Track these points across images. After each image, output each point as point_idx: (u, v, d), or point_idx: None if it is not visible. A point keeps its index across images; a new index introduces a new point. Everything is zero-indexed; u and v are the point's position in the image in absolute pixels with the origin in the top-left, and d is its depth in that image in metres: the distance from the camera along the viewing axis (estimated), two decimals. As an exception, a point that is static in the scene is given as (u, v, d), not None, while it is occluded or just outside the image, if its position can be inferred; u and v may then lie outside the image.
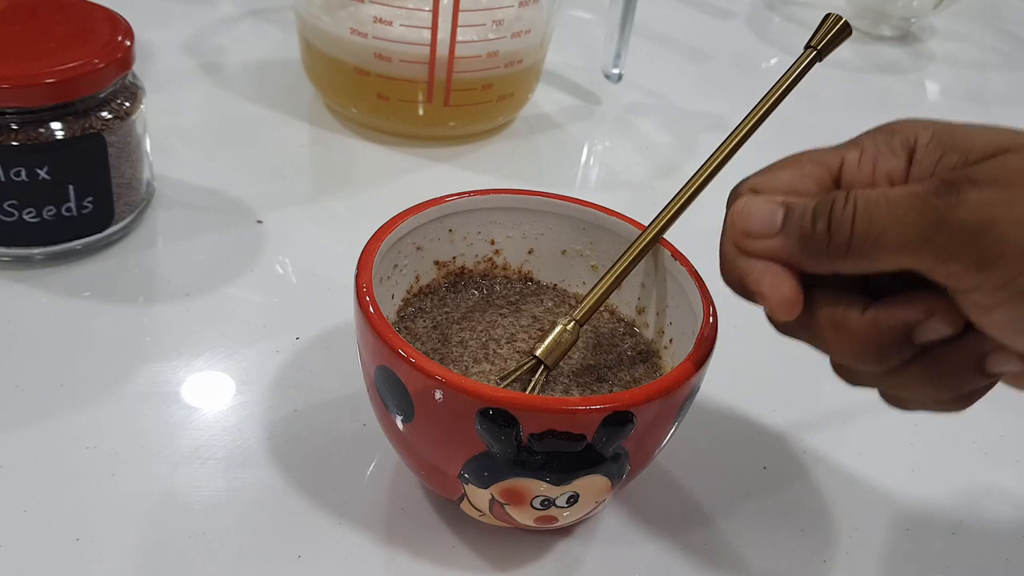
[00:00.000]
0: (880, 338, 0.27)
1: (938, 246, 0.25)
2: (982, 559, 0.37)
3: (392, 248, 0.35)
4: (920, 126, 0.28)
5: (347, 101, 0.58)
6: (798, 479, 0.39)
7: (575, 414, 0.28)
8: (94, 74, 0.41)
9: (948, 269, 0.25)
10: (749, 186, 0.30)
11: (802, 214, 0.28)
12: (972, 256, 0.25)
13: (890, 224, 0.26)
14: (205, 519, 0.34)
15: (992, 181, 0.25)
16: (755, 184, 0.30)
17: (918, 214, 0.25)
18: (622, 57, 0.63)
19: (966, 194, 0.25)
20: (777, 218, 0.28)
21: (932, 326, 0.27)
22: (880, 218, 0.26)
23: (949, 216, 0.25)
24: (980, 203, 0.25)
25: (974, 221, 0.25)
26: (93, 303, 0.43)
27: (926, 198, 0.25)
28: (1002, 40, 0.92)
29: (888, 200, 0.26)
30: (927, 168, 0.27)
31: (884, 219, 0.26)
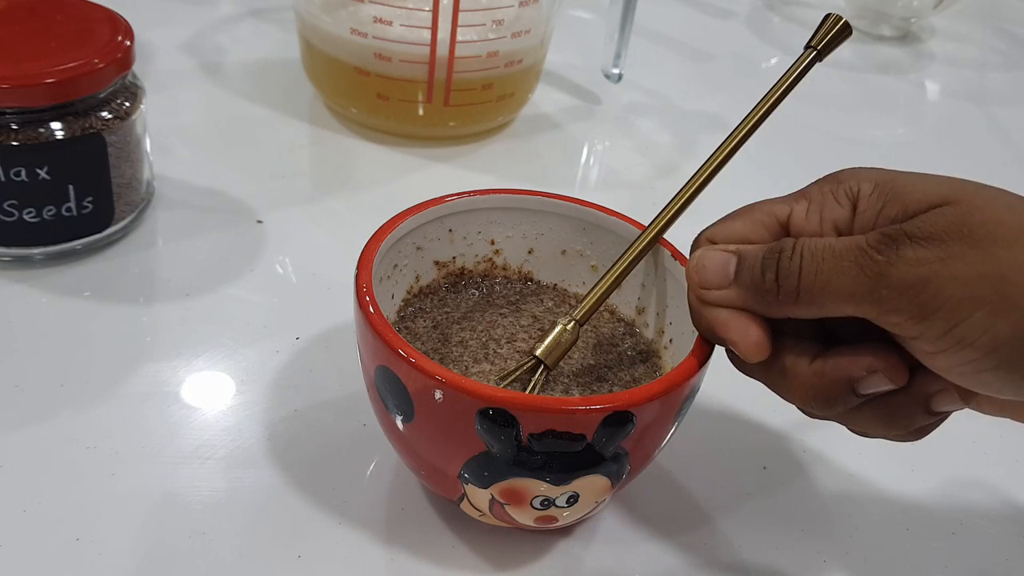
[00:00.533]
0: (826, 388, 0.29)
1: (880, 298, 0.26)
2: (982, 559, 0.37)
3: (392, 248, 0.35)
4: (863, 176, 0.30)
5: (347, 101, 0.58)
6: (798, 479, 0.39)
7: (575, 414, 0.28)
8: (94, 74, 0.41)
9: (891, 320, 0.26)
10: (706, 236, 0.32)
11: (752, 264, 0.29)
12: (912, 309, 0.26)
13: (834, 275, 0.27)
14: (205, 519, 0.34)
15: (928, 237, 0.26)
16: (711, 235, 0.32)
17: (860, 267, 0.27)
18: (622, 57, 0.63)
19: (904, 251, 0.26)
20: (730, 268, 0.30)
21: (873, 381, 0.28)
22: (826, 269, 0.27)
23: (888, 272, 0.26)
24: (917, 260, 0.26)
25: (912, 276, 0.26)
26: (93, 303, 0.43)
27: (867, 252, 0.27)
28: (1002, 40, 0.92)
29: (833, 251, 0.27)
30: (869, 219, 0.29)
31: (829, 270, 0.27)
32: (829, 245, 0.27)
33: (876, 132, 0.71)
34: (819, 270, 0.27)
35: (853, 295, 0.27)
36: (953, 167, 0.74)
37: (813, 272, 0.27)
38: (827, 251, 0.27)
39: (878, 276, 0.26)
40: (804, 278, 0.28)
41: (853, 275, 0.27)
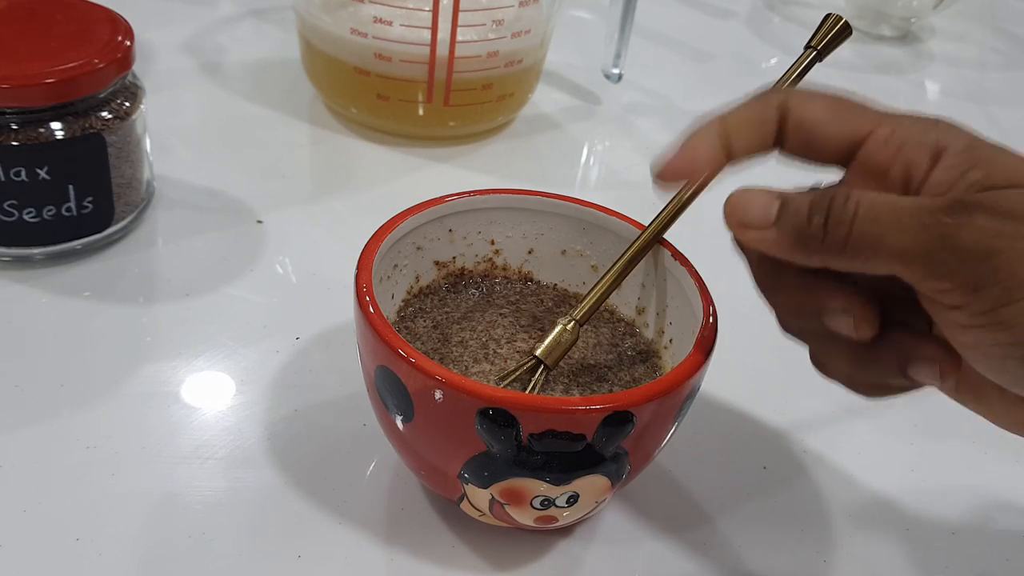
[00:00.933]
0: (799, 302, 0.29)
1: (935, 260, 0.25)
2: (982, 559, 0.37)
3: (392, 248, 0.35)
4: (957, 133, 0.28)
5: (347, 101, 0.58)
6: (798, 479, 0.39)
7: (575, 414, 0.28)
8: (94, 74, 0.41)
9: (938, 285, 0.26)
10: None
11: (797, 208, 0.28)
12: (967, 277, 0.25)
13: (891, 229, 0.26)
14: (205, 519, 0.34)
15: (1005, 212, 0.25)
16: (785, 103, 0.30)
17: (923, 227, 0.26)
18: (622, 57, 0.63)
19: (977, 218, 0.25)
20: (772, 210, 0.28)
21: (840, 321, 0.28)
22: (883, 221, 0.26)
23: (956, 234, 0.25)
24: (990, 230, 0.25)
25: (980, 245, 0.25)
26: (93, 303, 0.43)
27: (935, 213, 0.26)
28: (1002, 40, 0.92)
29: (893, 207, 0.26)
30: (948, 178, 0.27)
31: (887, 223, 0.26)
32: (889, 200, 0.26)
33: (876, 132, 0.71)
34: (876, 220, 0.26)
35: (906, 253, 0.26)
36: (953, 167, 0.73)
37: (868, 221, 0.26)
38: (886, 205, 0.26)
39: (941, 238, 0.25)
40: (857, 226, 0.26)
41: (913, 233, 0.26)
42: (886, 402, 0.31)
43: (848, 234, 0.27)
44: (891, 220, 0.26)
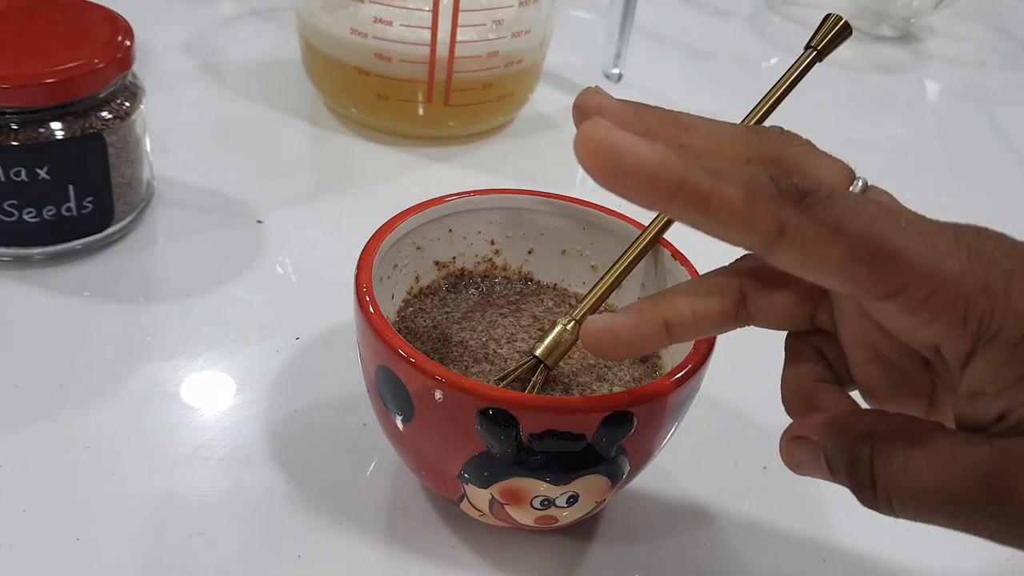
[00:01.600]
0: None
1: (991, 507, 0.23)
2: (982, 559, 0.37)
3: (392, 248, 0.35)
4: (1014, 308, 0.22)
5: (347, 101, 0.58)
6: (798, 479, 0.39)
7: (575, 414, 0.28)
8: (94, 74, 0.41)
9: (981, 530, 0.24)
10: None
11: (837, 455, 0.26)
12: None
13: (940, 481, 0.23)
14: (205, 519, 0.34)
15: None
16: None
17: (977, 478, 0.23)
18: (622, 57, 0.63)
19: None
20: (821, 462, 0.27)
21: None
22: (924, 475, 0.24)
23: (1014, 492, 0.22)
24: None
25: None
26: (93, 303, 0.43)
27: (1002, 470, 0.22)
28: (1002, 40, 0.92)
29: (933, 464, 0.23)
30: (995, 379, 0.23)
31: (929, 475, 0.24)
32: (926, 456, 0.23)
33: (876, 132, 0.71)
34: (917, 476, 0.24)
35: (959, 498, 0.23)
36: (953, 167, 0.75)
37: (902, 484, 0.24)
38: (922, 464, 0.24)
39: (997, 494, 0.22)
40: (893, 489, 0.25)
41: (961, 481, 0.23)
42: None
43: (888, 497, 0.25)
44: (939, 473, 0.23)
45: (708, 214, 0.22)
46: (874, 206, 0.23)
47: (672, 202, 0.22)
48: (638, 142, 0.22)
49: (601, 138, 0.22)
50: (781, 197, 0.22)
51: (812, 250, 0.22)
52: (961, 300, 0.22)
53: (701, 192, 0.22)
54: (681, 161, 0.22)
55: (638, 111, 0.26)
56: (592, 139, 0.22)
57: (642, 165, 0.22)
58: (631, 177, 0.22)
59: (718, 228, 0.23)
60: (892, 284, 0.22)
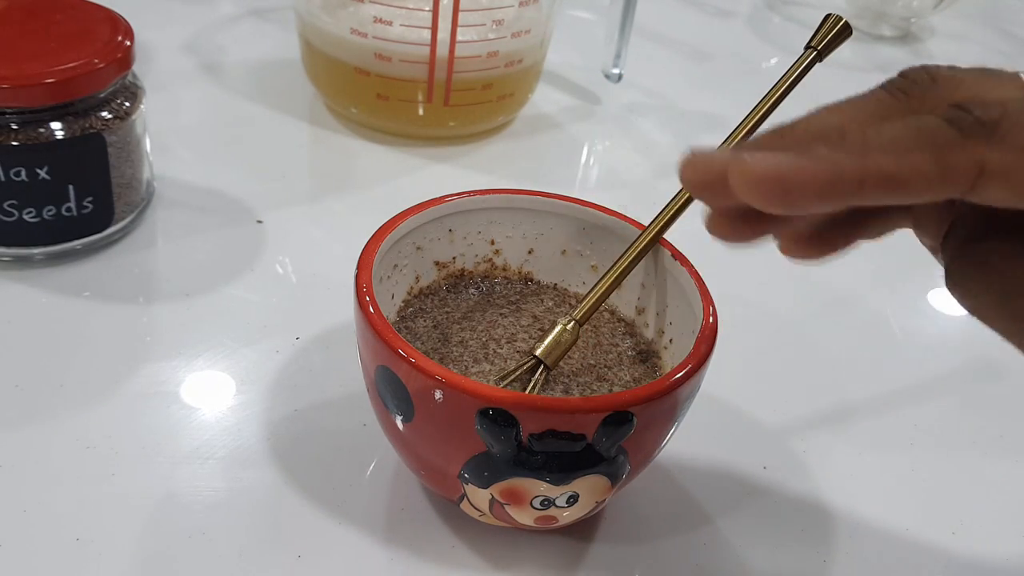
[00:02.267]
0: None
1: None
2: (982, 559, 0.37)
3: (392, 248, 0.35)
4: None
5: (347, 101, 0.58)
6: (798, 479, 0.39)
7: (575, 414, 0.28)
8: (94, 74, 0.41)
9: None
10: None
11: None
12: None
13: None
14: (205, 519, 0.34)
15: None
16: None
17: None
18: (622, 57, 0.63)
19: None
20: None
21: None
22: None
23: None
24: None
25: None
26: (93, 303, 0.43)
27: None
28: (1002, 40, 0.92)
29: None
30: None
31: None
32: None
33: (876, 132, 0.71)
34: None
35: None
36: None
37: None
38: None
39: None
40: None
41: None
42: (887, 402, 0.31)
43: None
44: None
45: (904, 189, 0.21)
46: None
47: (860, 195, 0.21)
48: (795, 159, 0.21)
49: (762, 169, 0.20)
50: (967, 139, 0.21)
51: (1022, 179, 0.21)
52: None
53: (887, 174, 0.21)
54: (850, 156, 0.21)
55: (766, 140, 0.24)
56: (754, 175, 0.21)
57: (816, 177, 0.20)
58: (808, 193, 0.21)
59: (919, 196, 0.21)
60: None
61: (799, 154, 0.21)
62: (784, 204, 0.21)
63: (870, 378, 0.45)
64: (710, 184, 0.22)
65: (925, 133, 0.21)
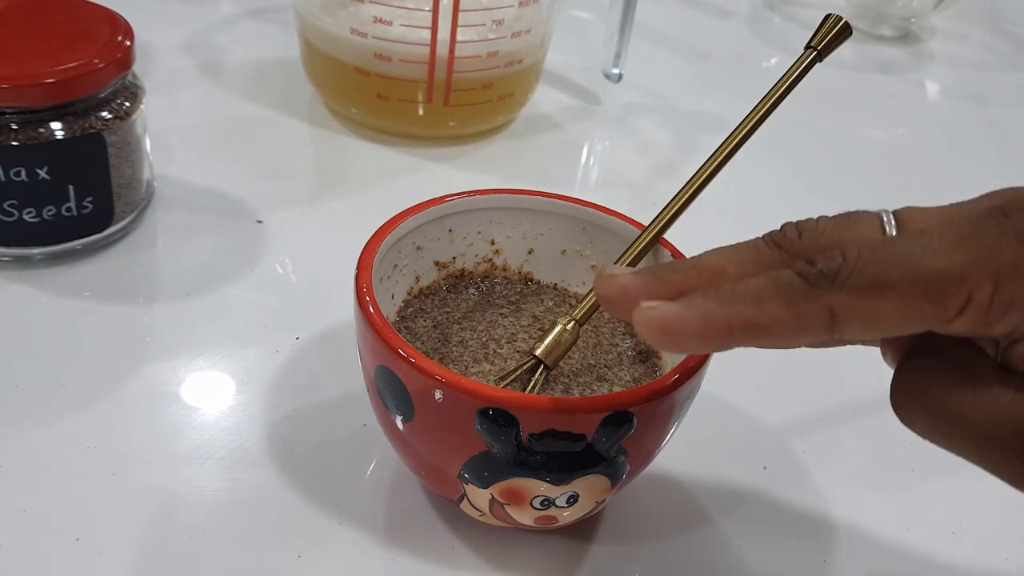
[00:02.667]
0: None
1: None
2: (982, 559, 0.37)
3: (392, 248, 0.35)
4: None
5: (347, 101, 0.58)
6: (798, 479, 0.39)
7: (575, 414, 0.28)
8: (94, 74, 0.41)
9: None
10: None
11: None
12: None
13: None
14: (205, 519, 0.34)
15: None
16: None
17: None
18: (622, 57, 0.63)
19: None
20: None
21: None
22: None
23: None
24: None
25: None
26: (93, 303, 0.43)
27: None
28: (1002, 40, 0.92)
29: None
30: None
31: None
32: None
33: (876, 132, 0.71)
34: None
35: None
36: (953, 167, 0.74)
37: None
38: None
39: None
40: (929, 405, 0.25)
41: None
42: (887, 402, 0.31)
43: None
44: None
45: (766, 334, 0.24)
46: (902, 242, 0.23)
47: (732, 339, 0.24)
48: (677, 308, 0.24)
49: (650, 319, 0.24)
50: (814, 288, 0.23)
51: (869, 316, 0.23)
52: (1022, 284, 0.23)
53: (749, 322, 0.23)
54: (718, 305, 0.24)
55: (661, 278, 0.27)
56: (645, 323, 0.24)
57: (691, 327, 0.24)
58: (688, 338, 0.24)
59: (783, 341, 0.24)
60: (957, 301, 0.23)
61: (680, 304, 0.24)
62: (671, 346, 0.24)
63: (870, 378, 0.45)
64: (616, 306, 0.27)
65: (780, 285, 0.23)
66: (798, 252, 0.25)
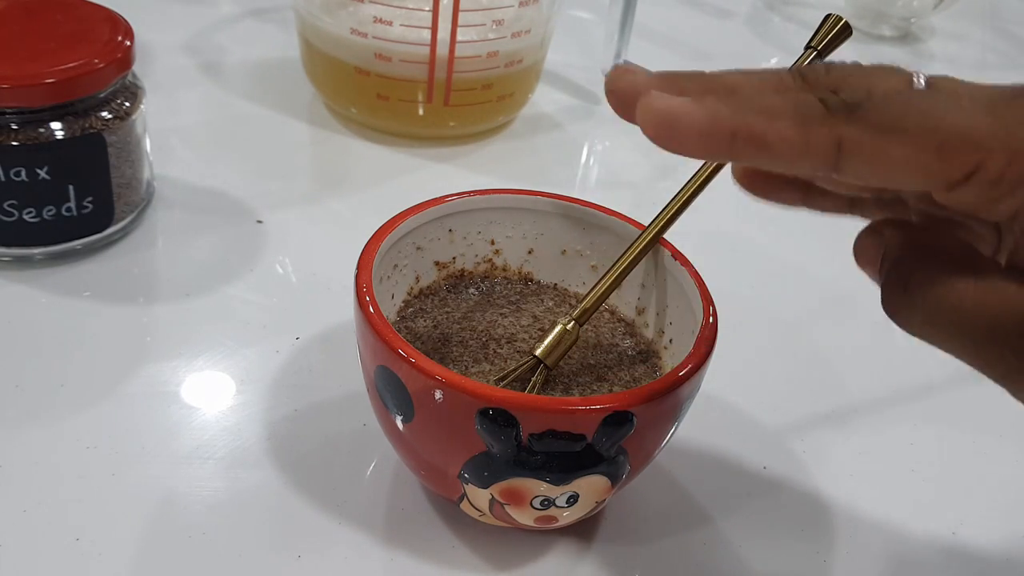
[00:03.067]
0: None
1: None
2: (982, 559, 0.37)
3: (392, 248, 0.35)
4: None
5: (347, 101, 0.58)
6: (798, 479, 0.39)
7: (575, 414, 0.28)
8: (94, 74, 0.41)
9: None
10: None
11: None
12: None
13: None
14: (205, 519, 0.34)
15: None
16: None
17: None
18: (622, 57, 0.63)
19: None
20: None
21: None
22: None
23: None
24: None
25: None
26: (93, 303, 0.43)
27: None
28: (1002, 40, 0.92)
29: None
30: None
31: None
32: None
33: (876, 132, 0.71)
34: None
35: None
36: (953, 167, 0.73)
37: None
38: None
39: None
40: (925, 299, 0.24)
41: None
42: (887, 402, 0.31)
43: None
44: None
45: (767, 151, 0.23)
46: (931, 96, 0.23)
47: (732, 149, 0.23)
48: (687, 103, 0.23)
49: (656, 108, 0.23)
50: (832, 115, 0.23)
51: (876, 156, 0.23)
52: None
53: (755, 133, 0.23)
54: (730, 110, 0.23)
55: (676, 81, 0.26)
56: (651, 112, 0.23)
57: (696, 123, 0.23)
58: (689, 136, 0.23)
59: (782, 162, 0.23)
60: (966, 165, 0.22)
61: (690, 100, 0.23)
62: (669, 142, 0.24)
63: (870, 378, 0.45)
64: (623, 101, 0.26)
65: (798, 106, 0.23)
66: (824, 85, 0.25)
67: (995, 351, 0.23)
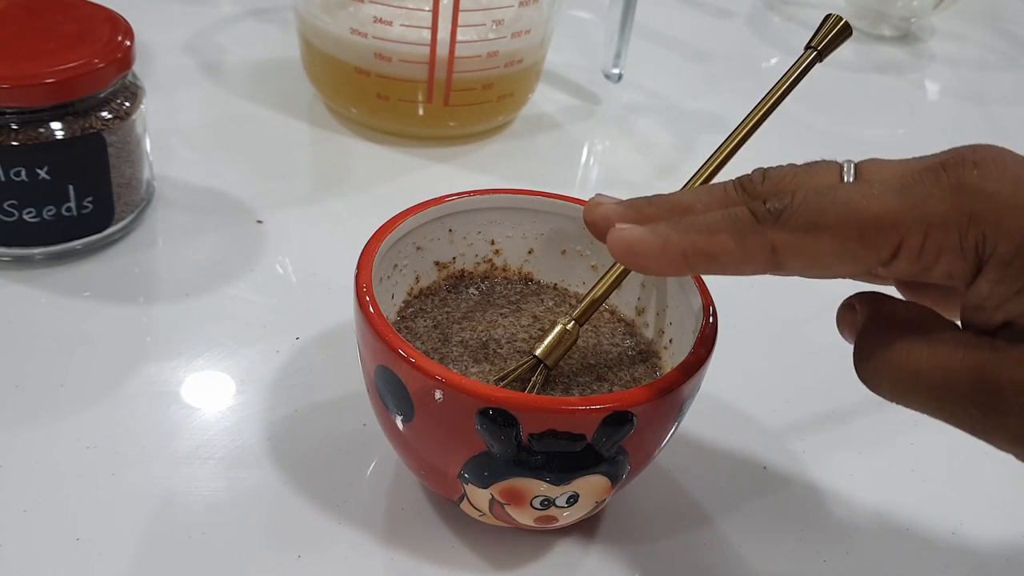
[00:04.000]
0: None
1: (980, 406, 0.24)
2: (982, 559, 0.37)
3: (392, 248, 0.35)
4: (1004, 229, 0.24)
5: (347, 101, 0.58)
6: (798, 479, 0.39)
7: (575, 414, 0.28)
8: (94, 74, 0.41)
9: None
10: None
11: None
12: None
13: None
14: (205, 519, 0.34)
15: None
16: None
17: (971, 369, 0.24)
18: (622, 57, 0.63)
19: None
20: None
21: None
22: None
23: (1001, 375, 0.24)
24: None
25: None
26: (93, 303, 0.43)
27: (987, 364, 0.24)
28: (1002, 40, 0.92)
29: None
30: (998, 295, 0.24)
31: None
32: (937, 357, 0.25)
33: (876, 132, 0.71)
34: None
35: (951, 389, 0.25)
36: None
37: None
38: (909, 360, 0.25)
39: (982, 377, 0.24)
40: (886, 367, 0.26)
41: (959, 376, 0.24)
42: (886, 402, 0.31)
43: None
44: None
45: (715, 262, 0.27)
46: (850, 188, 0.26)
47: (687, 265, 0.27)
48: (643, 232, 0.28)
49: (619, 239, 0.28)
50: (761, 224, 0.26)
51: (807, 253, 0.25)
52: (954, 234, 0.24)
53: (701, 250, 0.27)
54: (678, 233, 0.27)
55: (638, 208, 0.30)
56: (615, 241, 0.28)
57: (651, 249, 0.27)
58: (648, 259, 0.28)
59: (731, 269, 0.27)
60: (889, 245, 0.25)
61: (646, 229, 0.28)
62: (634, 265, 0.28)
63: (870, 378, 0.45)
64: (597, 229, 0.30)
65: (733, 220, 0.26)
66: (759, 194, 0.27)
67: (958, 407, 0.25)
